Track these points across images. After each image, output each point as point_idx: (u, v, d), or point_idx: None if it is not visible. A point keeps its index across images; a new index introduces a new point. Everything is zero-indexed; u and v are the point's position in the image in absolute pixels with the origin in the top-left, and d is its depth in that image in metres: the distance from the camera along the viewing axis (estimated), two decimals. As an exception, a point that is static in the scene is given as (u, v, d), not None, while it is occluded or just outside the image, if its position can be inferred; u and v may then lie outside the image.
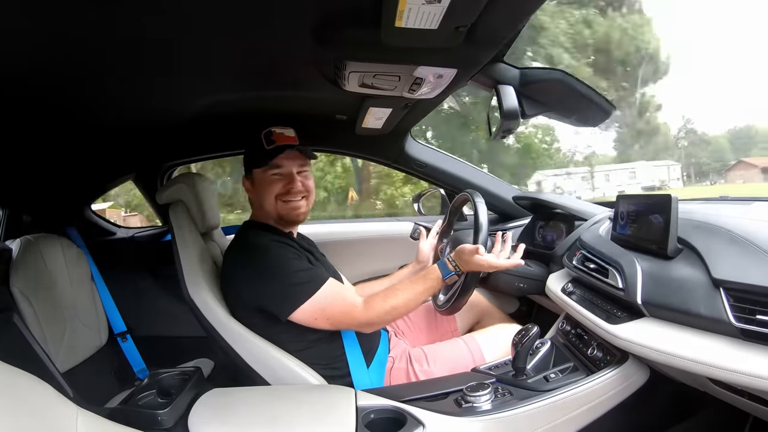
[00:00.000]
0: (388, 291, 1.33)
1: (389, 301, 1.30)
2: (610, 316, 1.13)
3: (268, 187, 1.41)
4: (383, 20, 0.89)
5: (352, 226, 2.37)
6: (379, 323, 1.34)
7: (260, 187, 1.43)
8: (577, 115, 1.54)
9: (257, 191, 1.44)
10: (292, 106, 1.65)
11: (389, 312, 1.30)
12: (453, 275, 1.34)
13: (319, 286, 1.28)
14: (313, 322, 1.29)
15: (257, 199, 1.45)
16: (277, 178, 1.41)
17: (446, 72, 1.19)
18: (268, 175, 1.41)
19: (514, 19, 1.01)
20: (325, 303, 1.27)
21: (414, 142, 2.09)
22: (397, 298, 1.31)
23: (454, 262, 1.34)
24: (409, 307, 1.34)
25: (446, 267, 1.34)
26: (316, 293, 1.27)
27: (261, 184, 1.43)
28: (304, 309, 1.26)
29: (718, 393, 0.95)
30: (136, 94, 1.36)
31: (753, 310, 0.81)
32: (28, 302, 1.55)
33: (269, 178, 1.41)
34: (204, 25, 0.98)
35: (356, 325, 1.32)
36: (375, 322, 1.32)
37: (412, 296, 1.33)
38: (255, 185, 1.45)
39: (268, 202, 1.42)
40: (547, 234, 1.82)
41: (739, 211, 1.14)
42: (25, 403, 0.80)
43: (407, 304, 1.32)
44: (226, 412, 1.13)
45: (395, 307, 1.30)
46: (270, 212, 1.43)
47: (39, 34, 0.93)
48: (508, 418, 1.07)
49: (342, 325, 1.32)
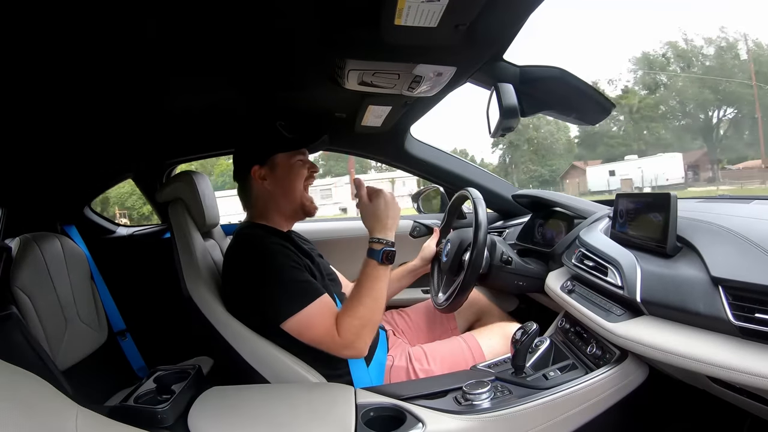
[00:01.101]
0: (349, 306, 1.25)
1: (355, 314, 1.23)
2: (609, 315, 1.13)
3: (296, 171, 1.40)
4: (383, 18, 0.89)
5: (350, 224, 2.37)
6: (358, 343, 1.23)
7: (284, 172, 1.40)
8: (577, 112, 1.54)
9: (280, 177, 1.40)
10: (293, 104, 1.65)
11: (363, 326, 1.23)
12: (385, 249, 1.27)
13: (311, 300, 1.23)
14: (300, 336, 1.25)
15: (276, 186, 1.40)
16: (301, 164, 1.41)
17: (446, 70, 1.19)
18: (294, 160, 1.40)
19: (514, 17, 1.01)
20: (308, 324, 1.23)
21: (414, 140, 2.09)
22: (362, 309, 1.23)
23: (374, 238, 1.29)
24: (379, 310, 1.27)
25: (374, 250, 1.28)
26: (307, 307, 1.22)
27: (285, 168, 1.40)
28: (293, 321, 1.22)
29: (717, 391, 0.95)
30: (136, 92, 1.36)
31: (752, 308, 0.81)
32: (28, 300, 1.55)
33: (296, 163, 1.40)
34: (204, 24, 0.98)
35: (335, 351, 1.24)
36: (352, 343, 1.23)
37: (373, 300, 1.25)
38: (276, 171, 1.40)
39: (296, 188, 1.40)
40: (547, 232, 1.82)
41: (739, 210, 1.14)
42: (24, 401, 0.80)
43: (376, 309, 1.26)
44: (226, 410, 1.13)
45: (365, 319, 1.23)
46: (293, 202, 1.41)
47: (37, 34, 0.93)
48: (508, 416, 1.07)
49: (322, 345, 1.24)
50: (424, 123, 1.96)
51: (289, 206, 1.43)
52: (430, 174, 2.19)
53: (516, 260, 1.59)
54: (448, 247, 1.63)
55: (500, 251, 1.57)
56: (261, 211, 1.45)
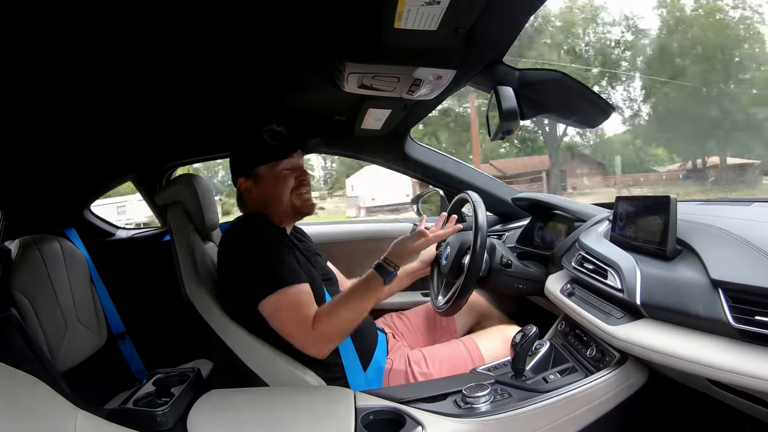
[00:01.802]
0: (335, 306, 1.26)
1: (337, 315, 1.24)
2: (609, 317, 1.13)
3: (281, 182, 1.39)
4: (382, 21, 0.89)
5: (350, 227, 2.37)
6: (326, 344, 1.25)
7: (269, 184, 1.40)
8: (577, 115, 1.54)
9: (264, 188, 1.40)
10: (293, 107, 1.66)
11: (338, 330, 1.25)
12: (394, 275, 1.30)
13: (288, 283, 1.23)
14: (271, 320, 1.25)
15: (263, 196, 1.41)
16: (288, 173, 1.40)
17: (445, 73, 1.19)
18: (278, 170, 1.39)
19: (513, 21, 1.01)
20: (281, 306, 1.23)
21: (414, 144, 2.10)
22: (345, 313, 1.25)
23: (389, 260, 1.31)
24: (358, 321, 1.27)
25: (386, 270, 1.29)
26: (282, 289, 1.23)
27: (270, 180, 1.40)
28: (268, 301, 1.23)
29: (718, 394, 0.95)
30: (136, 95, 1.37)
31: (752, 311, 0.81)
32: (27, 303, 1.55)
33: (280, 174, 1.39)
34: (204, 27, 0.99)
35: (300, 343, 1.24)
36: (321, 342, 1.24)
37: (359, 309, 1.27)
38: (261, 182, 1.41)
39: (283, 197, 1.39)
40: (546, 235, 1.82)
41: (738, 212, 1.14)
42: (24, 404, 0.80)
43: (357, 318, 1.27)
44: (225, 413, 1.13)
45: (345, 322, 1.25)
46: (284, 208, 1.41)
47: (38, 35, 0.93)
48: (508, 419, 1.07)
49: (290, 337, 1.25)
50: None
51: (279, 212, 1.42)
52: (429, 177, 2.19)
53: (516, 263, 1.59)
54: (448, 250, 1.63)
55: (500, 254, 1.57)
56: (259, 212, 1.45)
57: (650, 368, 1.15)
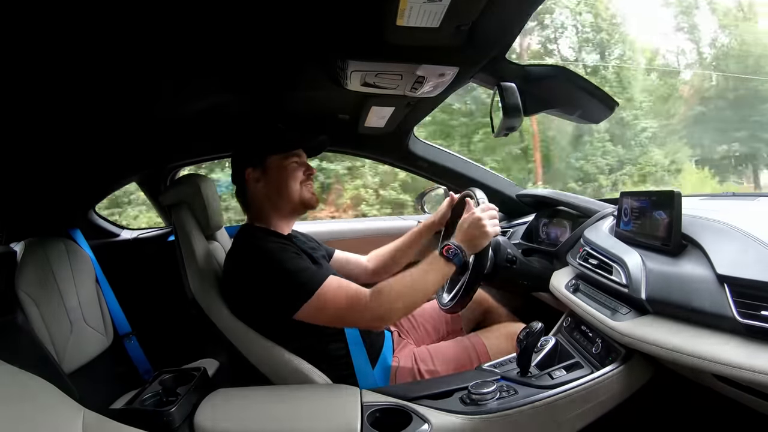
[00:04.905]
0: (398, 282, 1.25)
1: (400, 292, 1.23)
2: (614, 313, 1.13)
3: (291, 173, 1.40)
4: (384, 19, 0.89)
5: (354, 224, 2.37)
6: (389, 318, 1.25)
7: (279, 174, 1.40)
8: (580, 111, 1.53)
9: (274, 178, 1.41)
10: (295, 106, 1.66)
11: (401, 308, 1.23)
12: (464, 260, 1.30)
13: (319, 283, 1.23)
14: (317, 320, 1.25)
15: (272, 188, 1.41)
16: (297, 165, 1.41)
17: (448, 70, 1.19)
18: (289, 161, 1.40)
19: (516, 17, 1.01)
20: (327, 300, 1.22)
21: (417, 141, 2.09)
22: (409, 290, 1.23)
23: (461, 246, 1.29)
24: (421, 301, 1.27)
25: (459, 256, 1.27)
26: (317, 291, 1.22)
27: (281, 170, 1.40)
28: (307, 307, 1.22)
29: (724, 390, 0.95)
30: (139, 95, 1.37)
31: (758, 306, 0.80)
32: (34, 304, 1.55)
33: (290, 165, 1.41)
34: (206, 27, 0.99)
35: (364, 321, 1.25)
36: (384, 317, 1.23)
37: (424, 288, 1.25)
38: (270, 173, 1.41)
39: (293, 188, 1.40)
40: (551, 231, 1.81)
41: (744, 207, 1.14)
42: (31, 404, 0.80)
43: (420, 298, 1.26)
44: (232, 412, 1.14)
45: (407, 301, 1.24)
46: (293, 199, 1.41)
47: (42, 37, 0.93)
48: (514, 416, 1.07)
49: (348, 321, 1.26)
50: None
51: (286, 205, 1.43)
52: (434, 174, 2.19)
53: (521, 260, 1.59)
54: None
55: (505, 251, 1.56)
56: (258, 213, 1.45)
57: (656, 364, 1.15)
